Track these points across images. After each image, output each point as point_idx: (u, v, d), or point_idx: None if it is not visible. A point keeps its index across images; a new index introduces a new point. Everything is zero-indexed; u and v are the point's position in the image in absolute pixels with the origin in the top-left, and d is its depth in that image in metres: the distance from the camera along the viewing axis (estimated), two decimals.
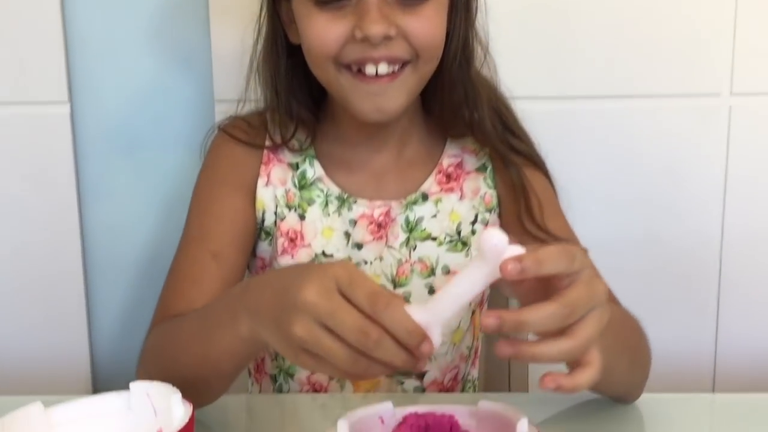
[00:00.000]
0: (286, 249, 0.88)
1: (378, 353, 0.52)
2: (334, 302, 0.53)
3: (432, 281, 0.89)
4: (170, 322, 0.77)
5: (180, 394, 0.59)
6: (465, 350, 0.95)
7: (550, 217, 0.88)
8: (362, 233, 0.88)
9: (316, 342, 0.53)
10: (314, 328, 0.53)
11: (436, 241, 0.89)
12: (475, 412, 0.60)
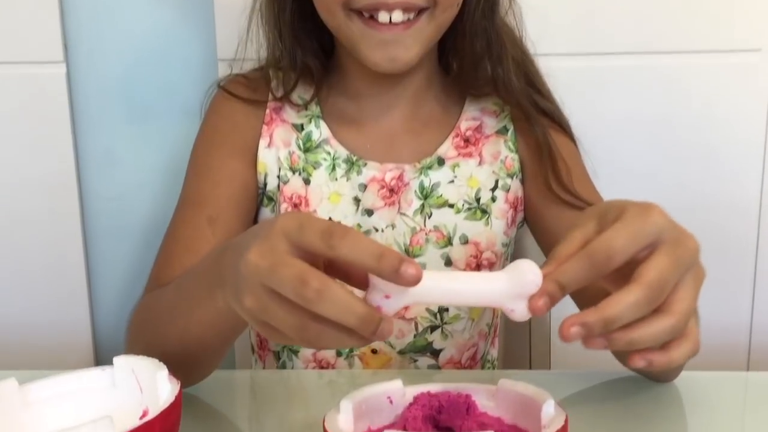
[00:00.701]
0: None
1: (323, 307, 0.44)
2: (273, 257, 0.45)
3: (448, 251, 0.83)
4: (155, 293, 0.72)
5: (166, 371, 0.53)
6: (485, 327, 0.89)
7: (578, 182, 0.82)
8: (373, 198, 0.82)
9: (264, 310, 0.46)
10: (261, 296, 0.46)
11: (454, 208, 0.83)
12: (494, 392, 0.54)
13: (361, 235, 0.45)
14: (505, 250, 0.86)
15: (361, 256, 0.44)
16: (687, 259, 0.47)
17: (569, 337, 0.45)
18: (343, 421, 0.51)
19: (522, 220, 0.87)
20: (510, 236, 0.86)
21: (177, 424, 0.52)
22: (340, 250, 0.44)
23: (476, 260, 0.83)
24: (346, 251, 0.44)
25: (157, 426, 0.48)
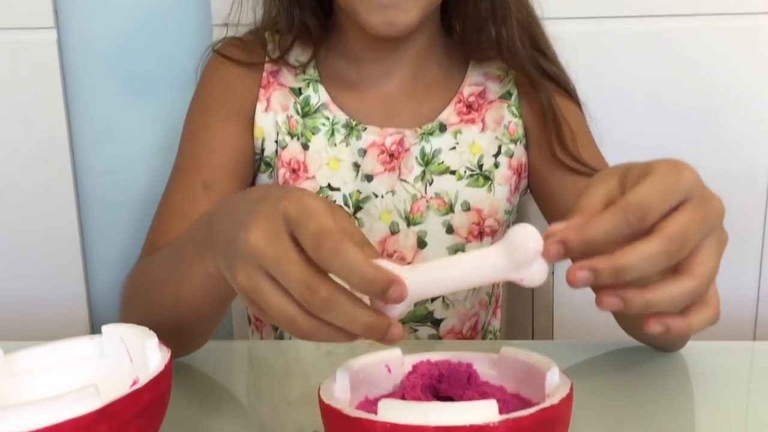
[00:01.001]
0: (288, 181, 0.81)
1: (328, 316, 0.42)
2: (279, 248, 0.43)
3: (450, 218, 0.81)
4: (147, 259, 0.71)
5: (156, 339, 0.51)
6: (485, 297, 0.87)
7: (583, 149, 0.79)
8: (372, 163, 0.80)
9: (257, 291, 0.44)
10: (256, 277, 0.44)
11: (455, 174, 0.81)
12: (496, 361, 0.53)
13: (351, 250, 0.41)
14: (508, 218, 0.84)
15: (349, 277, 0.42)
16: (713, 219, 0.43)
17: (576, 282, 0.41)
18: (339, 390, 0.49)
19: (525, 187, 0.85)
20: (513, 203, 0.84)
21: (167, 394, 0.50)
22: (328, 264, 0.42)
23: (478, 227, 0.81)
24: (334, 268, 0.42)
25: (146, 395, 0.47)
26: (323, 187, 0.80)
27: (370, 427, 0.42)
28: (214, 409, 0.64)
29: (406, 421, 0.41)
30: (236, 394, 0.67)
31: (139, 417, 0.46)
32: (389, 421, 0.42)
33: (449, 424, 0.41)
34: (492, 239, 0.82)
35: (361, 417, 0.43)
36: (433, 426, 0.41)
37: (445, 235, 0.81)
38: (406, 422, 0.41)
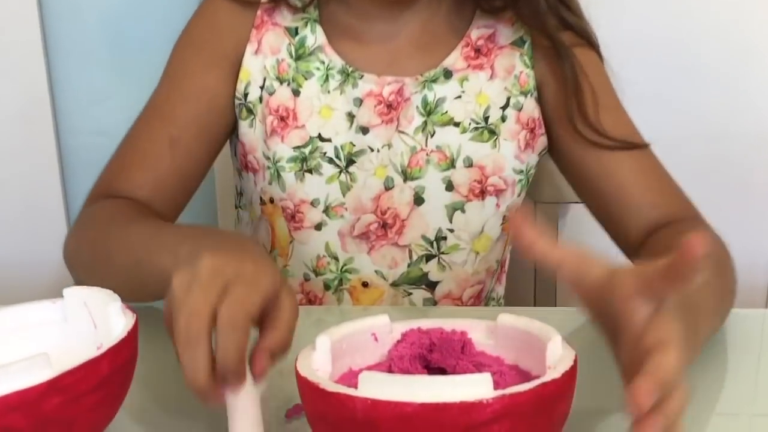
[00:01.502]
0: (276, 130, 0.75)
1: (181, 354, 0.43)
2: (215, 283, 0.44)
3: (450, 174, 0.75)
4: (107, 227, 0.68)
5: (119, 303, 0.47)
6: (493, 264, 0.81)
7: (607, 110, 0.73)
8: (369, 114, 0.75)
9: (183, 295, 0.45)
10: (186, 287, 0.45)
11: (459, 127, 0.75)
12: (493, 329, 0.48)
13: (203, 357, 0.43)
14: (521, 178, 0.78)
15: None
16: None
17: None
18: (319, 361, 0.44)
19: (545, 147, 0.79)
20: (525, 162, 0.77)
21: (131, 363, 0.46)
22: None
23: (480, 186, 0.76)
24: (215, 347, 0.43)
25: (105, 365, 0.42)
26: (313, 137, 0.75)
27: (348, 403, 0.38)
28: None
29: (388, 396, 0.37)
30: None
31: (97, 389, 0.42)
32: (370, 396, 0.38)
33: (437, 401, 0.37)
34: (496, 199, 0.77)
35: (339, 392, 0.39)
36: (419, 402, 0.37)
37: (445, 192, 0.75)
38: (388, 398, 0.37)
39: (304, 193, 0.75)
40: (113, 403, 0.45)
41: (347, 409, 0.38)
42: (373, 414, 0.37)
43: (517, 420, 0.38)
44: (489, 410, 0.37)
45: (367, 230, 0.76)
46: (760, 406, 0.55)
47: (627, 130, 0.74)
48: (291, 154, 0.75)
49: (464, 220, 0.76)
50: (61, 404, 0.40)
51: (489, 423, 0.37)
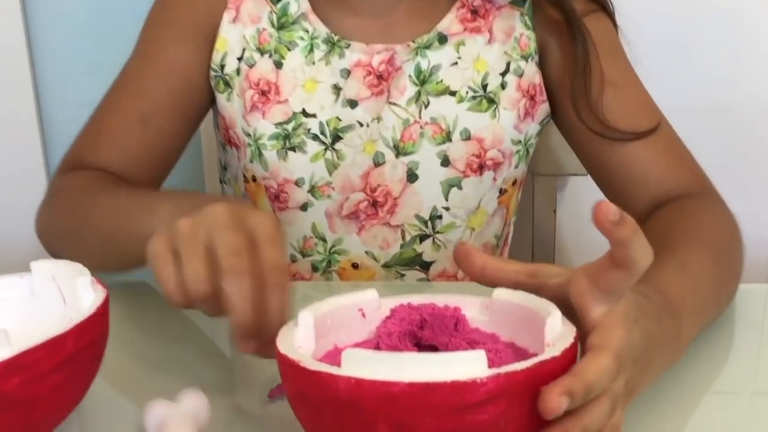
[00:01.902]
0: (257, 105, 0.71)
1: (229, 286, 0.45)
2: (234, 225, 0.46)
3: (446, 149, 0.71)
4: (81, 196, 0.66)
5: (89, 276, 0.44)
6: (492, 239, 0.78)
7: (615, 88, 0.69)
8: (357, 87, 0.71)
9: (185, 241, 0.46)
10: (192, 236, 0.46)
11: (456, 96, 0.71)
12: (488, 305, 0.45)
13: (239, 297, 0.44)
14: (519, 149, 0.74)
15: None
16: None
17: (559, 410, 0.36)
18: (301, 338, 0.41)
19: (547, 115, 0.75)
20: (524, 132, 0.73)
21: (101, 340, 0.43)
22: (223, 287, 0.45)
23: (479, 160, 0.72)
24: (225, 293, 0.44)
25: (69, 343, 0.39)
26: (297, 113, 0.71)
27: (331, 382, 0.35)
28: (174, 351, 0.57)
29: (374, 375, 0.34)
30: (200, 342, 0.60)
31: (62, 368, 0.39)
32: (354, 375, 0.35)
33: (427, 380, 0.34)
34: (494, 173, 0.73)
35: (321, 370, 0.36)
36: (406, 382, 0.34)
37: (440, 167, 0.71)
38: (374, 377, 0.34)
39: (288, 172, 0.71)
40: (81, 384, 0.42)
41: (330, 388, 0.35)
42: (357, 394, 0.34)
43: (513, 401, 0.35)
44: (483, 390, 0.34)
45: (356, 210, 0.72)
46: (761, 384, 0.52)
47: (637, 109, 0.70)
48: (273, 131, 0.71)
49: (461, 197, 0.72)
50: (22, 384, 0.38)
51: (483, 404, 0.34)
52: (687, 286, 0.52)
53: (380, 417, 0.34)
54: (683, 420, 0.48)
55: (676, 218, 0.63)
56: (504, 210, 0.77)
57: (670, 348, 0.47)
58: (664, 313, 0.47)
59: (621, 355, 0.39)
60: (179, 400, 0.45)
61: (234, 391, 0.51)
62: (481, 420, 0.34)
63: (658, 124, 0.69)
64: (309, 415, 0.38)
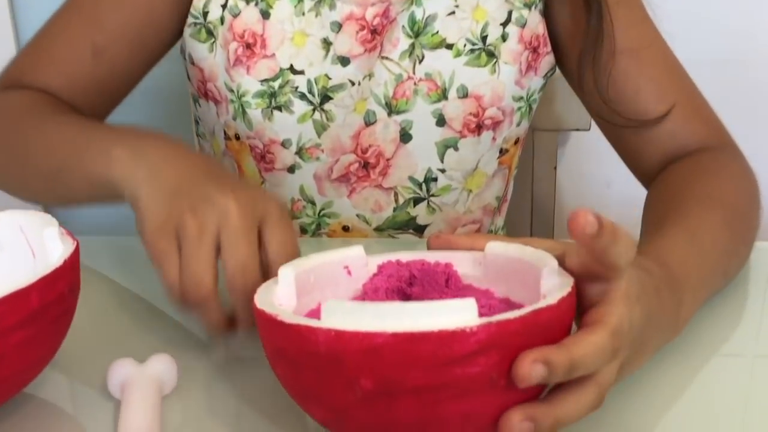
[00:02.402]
0: (240, 58, 0.66)
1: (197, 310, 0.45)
2: (248, 225, 0.46)
3: (442, 107, 0.67)
4: (21, 120, 0.61)
5: (56, 227, 0.42)
6: (493, 202, 0.74)
7: (629, 56, 0.64)
8: (349, 43, 0.66)
9: (189, 239, 0.45)
10: (202, 229, 0.45)
11: (452, 50, 0.66)
12: (481, 260, 0.42)
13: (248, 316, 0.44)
14: (521, 106, 0.69)
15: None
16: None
17: (530, 379, 0.34)
18: (281, 295, 0.39)
19: (552, 67, 0.70)
20: (526, 87, 0.69)
21: (70, 295, 0.40)
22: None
23: (476, 120, 0.68)
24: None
25: (34, 298, 0.37)
26: (284, 69, 0.66)
27: (310, 336, 0.33)
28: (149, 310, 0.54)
29: (356, 327, 0.32)
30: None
31: (26, 325, 0.37)
32: (334, 327, 0.32)
33: (412, 330, 0.31)
34: (493, 133, 0.69)
35: (300, 324, 0.33)
36: (390, 333, 0.31)
37: (435, 127, 0.67)
38: (356, 329, 0.32)
39: (273, 132, 0.67)
40: (49, 342, 0.40)
41: (309, 343, 0.33)
42: (338, 347, 0.32)
43: (506, 352, 0.33)
44: (473, 340, 0.31)
45: (346, 172, 0.69)
46: (764, 347, 0.50)
47: (659, 77, 0.65)
48: (258, 88, 0.66)
49: (457, 158, 0.69)
50: None
51: (474, 355, 0.32)
52: (693, 257, 0.49)
53: (363, 371, 0.32)
54: (686, 382, 0.46)
55: (690, 176, 0.60)
56: (506, 170, 0.74)
57: (668, 326, 0.45)
58: (665, 288, 0.44)
59: (618, 335, 0.36)
60: (147, 362, 0.43)
61: (206, 356, 0.48)
62: (471, 373, 0.32)
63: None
64: (288, 373, 0.36)
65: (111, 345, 0.49)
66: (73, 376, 0.46)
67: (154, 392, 0.41)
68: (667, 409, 0.43)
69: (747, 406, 0.44)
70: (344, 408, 0.34)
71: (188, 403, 0.43)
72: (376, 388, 0.32)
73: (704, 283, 0.51)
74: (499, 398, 0.33)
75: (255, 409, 0.42)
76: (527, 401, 0.34)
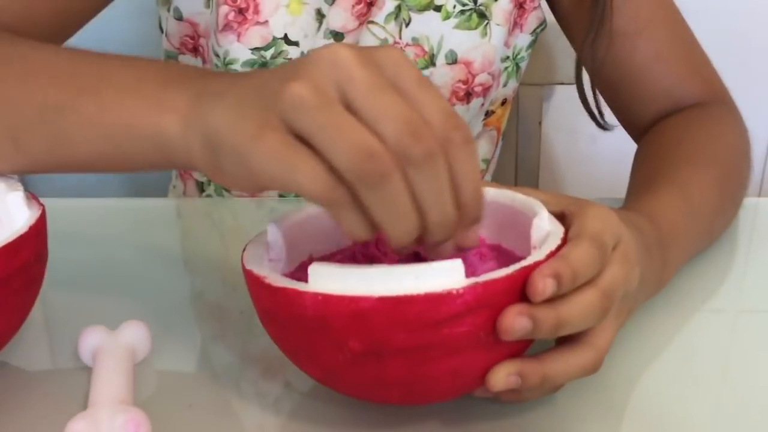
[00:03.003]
0: (231, 24, 0.62)
1: (378, 194, 0.31)
2: (332, 113, 0.31)
3: (430, 74, 0.64)
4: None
5: (21, 192, 0.40)
6: (479, 164, 0.73)
7: (634, 37, 0.62)
8: (344, 17, 0.63)
9: (291, 157, 0.31)
10: (290, 141, 0.31)
11: (441, 11, 0.63)
12: None
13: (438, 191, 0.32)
14: (508, 66, 0.67)
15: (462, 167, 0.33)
16: (630, 285, 0.38)
17: (514, 333, 0.33)
18: (270, 251, 0.38)
19: (540, 23, 0.67)
20: (512, 46, 0.66)
21: (37, 261, 0.39)
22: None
23: (466, 87, 0.65)
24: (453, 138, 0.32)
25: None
26: (277, 38, 0.62)
27: (297, 299, 0.33)
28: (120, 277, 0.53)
29: (342, 290, 0.32)
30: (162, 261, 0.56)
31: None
32: (321, 291, 0.32)
33: (398, 293, 0.31)
34: (483, 99, 0.66)
35: (287, 287, 0.33)
36: (377, 296, 0.31)
37: None
38: (342, 292, 0.32)
39: None
40: (16, 312, 0.39)
41: (296, 306, 0.33)
42: (325, 311, 0.32)
43: (494, 311, 0.32)
44: (460, 302, 0.31)
45: None
46: (746, 302, 0.50)
47: (668, 55, 0.63)
48: (248, 56, 0.62)
49: None
50: None
51: (461, 316, 0.32)
52: (683, 218, 0.49)
53: (350, 334, 0.32)
54: (668, 337, 0.46)
55: (681, 132, 0.59)
56: (494, 132, 0.72)
57: (653, 284, 0.45)
58: (654, 247, 0.44)
59: (610, 295, 0.35)
60: (119, 329, 0.42)
61: (181, 324, 0.47)
62: (459, 332, 0.32)
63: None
64: (278, 333, 0.36)
65: (82, 312, 0.47)
66: (44, 343, 0.45)
67: (126, 360, 0.40)
68: (649, 364, 0.43)
69: (728, 361, 0.44)
70: (335, 368, 0.34)
71: (161, 371, 0.42)
72: (364, 349, 0.32)
73: (691, 242, 0.50)
74: (488, 355, 0.34)
75: (228, 376, 0.42)
76: (515, 355, 0.34)
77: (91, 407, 0.36)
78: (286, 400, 0.40)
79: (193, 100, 0.35)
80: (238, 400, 0.40)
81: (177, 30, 0.67)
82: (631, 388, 0.41)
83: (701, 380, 0.42)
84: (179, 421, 0.38)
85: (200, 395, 0.40)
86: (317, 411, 0.39)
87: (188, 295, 0.52)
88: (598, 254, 0.35)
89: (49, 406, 0.39)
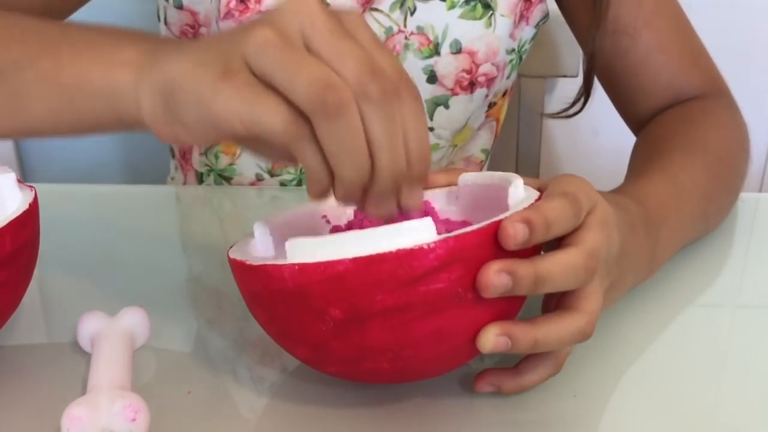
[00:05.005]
0: (232, 12, 0.62)
1: (334, 126, 0.31)
2: (294, 52, 0.32)
3: (434, 63, 0.63)
4: None
5: (13, 176, 0.40)
6: (479, 154, 0.72)
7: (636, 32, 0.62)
8: (347, 4, 0.62)
9: (256, 101, 0.32)
10: (256, 84, 0.32)
11: (446, 1, 0.62)
12: (456, 193, 0.43)
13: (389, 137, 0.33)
14: (513, 59, 0.67)
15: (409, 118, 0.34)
16: (612, 248, 0.38)
17: (494, 289, 0.33)
18: (257, 248, 0.39)
19: (544, 16, 0.67)
20: (518, 39, 0.66)
21: (27, 252, 0.38)
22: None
23: (469, 77, 0.65)
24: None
25: (8, 241, 0.36)
26: None
27: (276, 274, 0.33)
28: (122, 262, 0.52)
29: (318, 258, 0.32)
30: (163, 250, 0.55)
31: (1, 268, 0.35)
32: (298, 262, 0.32)
33: (371, 253, 0.31)
34: (487, 90, 0.66)
35: (266, 264, 0.33)
36: (350, 258, 0.31)
37: (426, 84, 0.64)
38: (318, 260, 0.32)
39: None
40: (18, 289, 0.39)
41: (276, 281, 0.33)
42: (303, 280, 0.32)
43: (470, 265, 0.32)
44: (432, 256, 0.31)
45: None
46: (745, 297, 0.50)
47: (670, 48, 0.63)
48: None
49: (447, 116, 0.66)
50: None
51: (435, 271, 0.32)
52: (672, 199, 0.49)
53: (330, 300, 0.32)
54: (664, 331, 0.45)
55: (676, 123, 0.59)
56: (493, 122, 0.72)
57: (644, 264, 0.44)
58: (641, 225, 0.44)
59: (593, 255, 0.35)
60: (118, 315, 0.42)
61: (180, 310, 0.47)
62: (436, 289, 0.32)
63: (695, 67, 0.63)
64: (265, 315, 0.36)
65: (81, 298, 0.47)
66: (43, 329, 0.45)
67: (125, 345, 0.40)
68: (647, 359, 0.43)
69: (725, 356, 0.44)
70: (320, 342, 0.34)
71: (160, 357, 0.42)
72: (345, 315, 0.32)
73: (682, 225, 0.50)
74: (469, 313, 0.33)
75: (227, 362, 0.42)
76: (502, 318, 0.34)
77: (90, 393, 0.36)
78: (284, 384, 0.40)
79: (148, 56, 0.36)
80: (236, 385, 0.40)
81: (177, 19, 0.66)
82: (628, 385, 0.40)
83: (699, 375, 0.41)
84: (178, 407, 0.38)
85: (199, 381, 0.40)
86: (314, 394, 0.39)
87: (187, 281, 0.52)
88: (571, 208, 0.35)
89: (48, 391, 0.39)
